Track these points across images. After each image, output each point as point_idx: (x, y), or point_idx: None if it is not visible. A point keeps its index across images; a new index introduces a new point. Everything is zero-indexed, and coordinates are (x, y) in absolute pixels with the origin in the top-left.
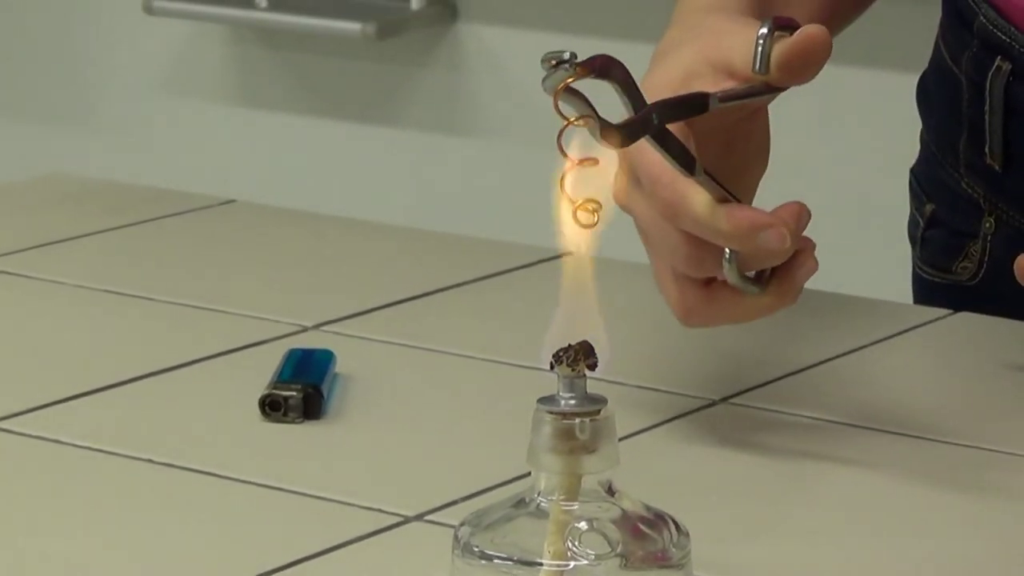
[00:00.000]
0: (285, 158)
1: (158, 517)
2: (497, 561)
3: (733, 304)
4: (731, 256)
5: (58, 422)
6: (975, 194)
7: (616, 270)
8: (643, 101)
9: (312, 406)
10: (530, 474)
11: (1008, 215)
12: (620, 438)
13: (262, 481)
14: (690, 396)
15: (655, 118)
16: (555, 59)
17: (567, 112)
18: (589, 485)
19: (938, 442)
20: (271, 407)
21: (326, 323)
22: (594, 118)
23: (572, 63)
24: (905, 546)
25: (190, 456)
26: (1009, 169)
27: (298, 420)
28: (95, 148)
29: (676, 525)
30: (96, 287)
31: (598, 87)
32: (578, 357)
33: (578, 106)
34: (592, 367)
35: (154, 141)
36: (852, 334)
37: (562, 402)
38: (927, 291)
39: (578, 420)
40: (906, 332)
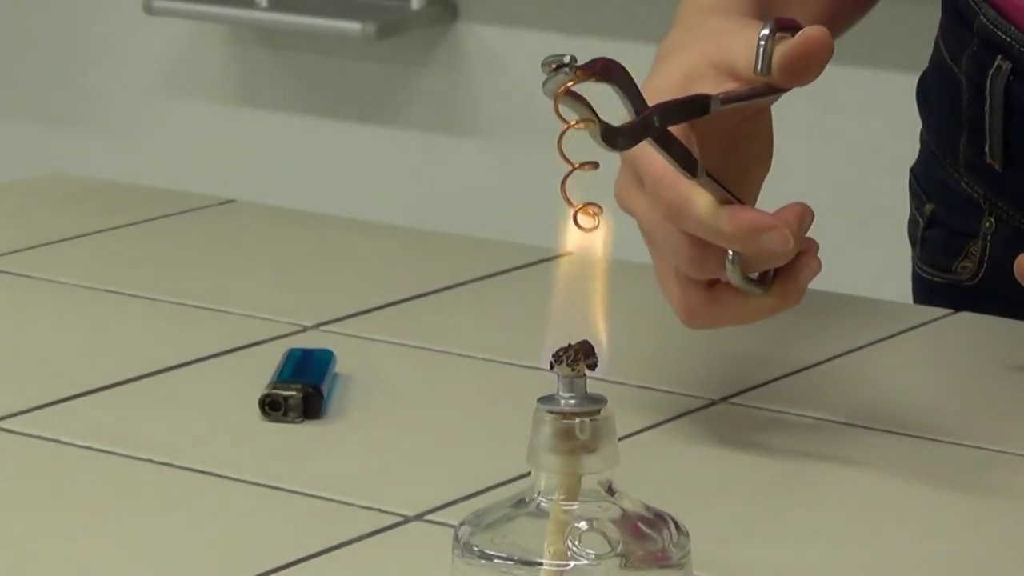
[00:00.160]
0: (285, 158)
1: (158, 517)
2: (497, 561)
3: (736, 305)
4: (734, 258)
5: (58, 422)
6: (975, 194)
7: (616, 270)
8: (644, 103)
9: (312, 406)
10: (530, 474)
11: (1008, 215)
12: (620, 438)
13: (262, 481)
14: (690, 396)
15: (656, 120)
16: (555, 63)
17: (568, 116)
18: (589, 485)
19: (938, 442)
20: (271, 407)
21: (326, 323)
22: (595, 121)
23: (573, 67)
24: (905, 546)
25: (190, 456)
26: (1009, 169)
27: (298, 420)
28: (95, 148)
29: (676, 525)
30: (96, 287)
31: (599, 89)
32: (578, 357)
33: (579, 109)
34: (592, 367)
35: (154, 141)
36: (852, 334)
37: (562, 402)
38: (927, 291)
39: (578, 420)
40: (906, 332)
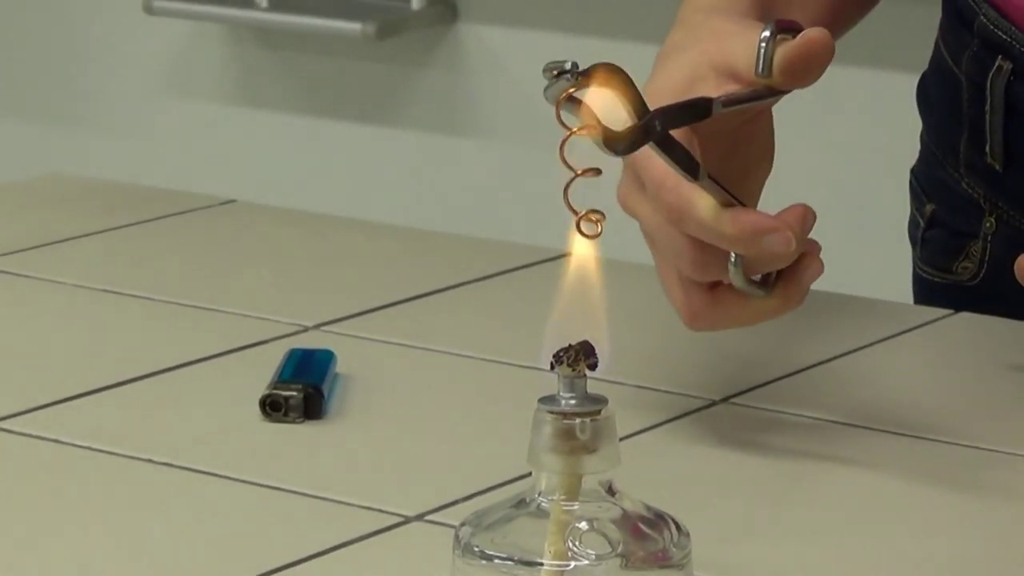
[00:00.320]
0: (285, 158)
1: (158, 517)
2: (497, 561)
3: (739, 308)
4: (736, 260)
5: (58, 422)
6: (975, 194)
7: (616, 270)
8: (645, 108)
9: (313, 406)
10: (531, 474)
11: (1008, 215)
12: (621, 438)
13: (263, 481)
14: (691, 396)
15: (658, 125)
16: (556, 69)
17: (569, 122)
18: (590, 485)
19: (938, 442)
20: (272, 407)
21: (327, 323)
22: (597, 127)
23: (574, 73)
24: (905, 546)
25: (191, 456)
26: (1009, 169)
27: (299, 420)
28: (95, 148)
29: (677, 525)
30: (96, 287)
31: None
32: (578, 357)
33: (581, 115)
34: (592, 367)
35: (154, 141)
36: (852, 334)
37: (563, 402)
38: (927, 291)
39: (579, 420)
40: (906, 332)
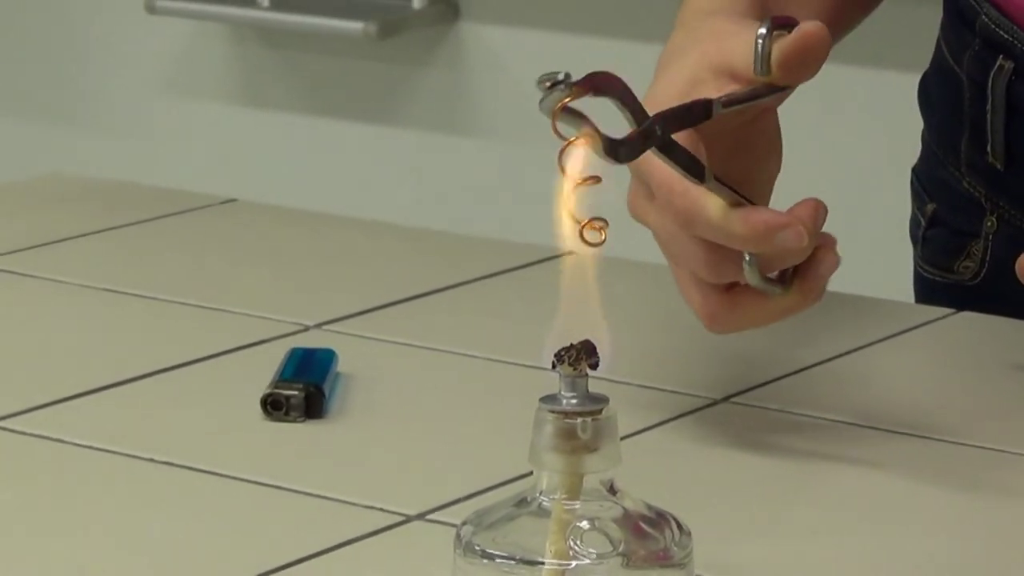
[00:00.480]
0: (287, 157)
1: (159, 516)
2: (499, 560)
3: (758, 307)
4: (751, 259)
5: (59, 421)
6: (976, 193)
7: (617, 269)
8: (645, 114)
9: (314, 405)
10: (532, 473)
11: (1010, 214)
12: (622, 437)
13: (264, 480)
14: (692, 395)
15: (659, 129)
16: (550, 80)
17: (567, 132)
18: (591, 484)
19: (939, 441)
20: (273, 406)
21: (328, 322)
22: (596, 135)
23: (568, 83)
24: (907, 545)
25: (192, 455)
26: (1011, 168)
27: (300, 419)
28: (97, 147)
29: (678, 524)
30: (97, 286)
31: (598, 102)
32: (580, 356)
33: (578, 125)
34: (594, 366)
35: (156, 140)
36: (854, 333)
37: (564, 401)
38: (929, 290)
39: (580, 419)
40: (908, 332)
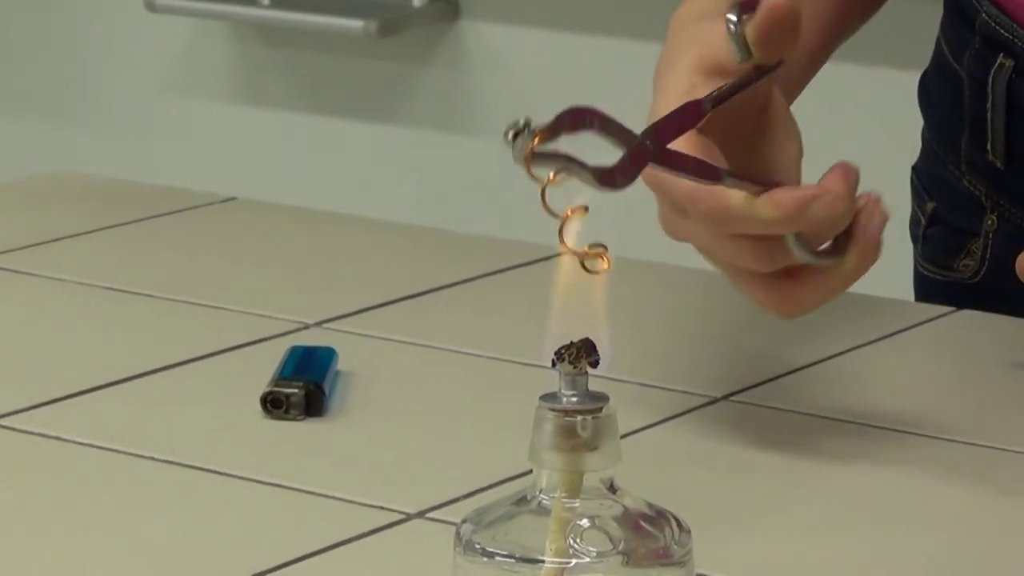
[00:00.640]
0: (287, 155)
1: (159, 514)
2: (499, 559)
3: (821, 282)
4: (796, 239)
5: (60, 419)
6: (977, 192)
7: (617, 268)
8: (631, 134)
9: (314, 403)
10: (532, 471)
11: (1010, 212)
12: (622, 435)
13: (264, 478)
14: (692, 393)
15: (649, 144)
16: (512, 130)
17: (545, 175)
18: (591, 482)
19: (939, 439)
20: (273, 404)
21: (328, 320)
22: (584, 170)
23: (529, 130)
24: (907, 543)
25: (192, 453)
26: (1011, 166)
27: (300, 417)
28: (97, 145)
29: (678, 522)
30: (98, 284)
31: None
32: (580, 354)
33: (557, 165)
34: (594, 364)
35: (156, 138)
36: (853, 332)
37: (564, 399)
38: (929, 289)
39: (580, 417)
40: (908, 330)
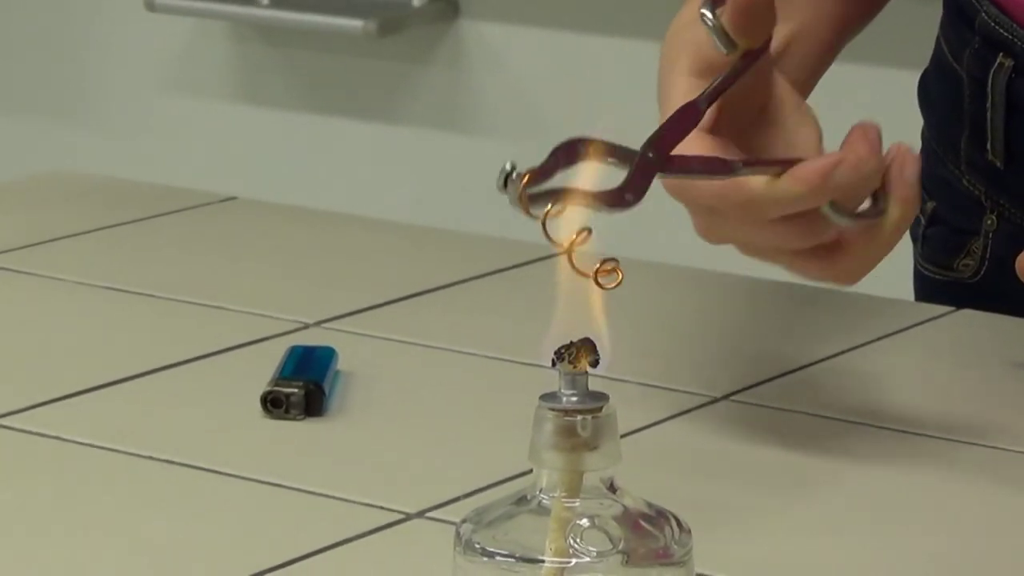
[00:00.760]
0: (287, 155)
1: (159, 514)
2: (499, 558)
3: (871, 241)
4: (831, 208)
5: (59, 419)
6: (976, 191)
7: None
8: (631, 150)
9: (314, 403)
10: (532, 471)
11: (1010, 212)
12: (622, 435)
13: (263, 478)
14: (692, 393)
15: (651, 154)
16: (502, 176)
17: (542, 211)
18: (591, 482)
19: (939, 439)
20: (273, 404)
21: (328, 320)
22: (591, 197)
23: (517, 173)
24: (907, 543)
25: (192, 453)
26: (1011, 166)
27: (300, 417)
28: (97, 145)
29: (678, 522)
30: (97, 284)
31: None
32: (580, 354)
33: (555, 201)
34: (594, 364)
35: (156, 138)
36: (853, 331)
37: (564, 399)
38: (928, 288)
39: (580, 417)
40: (907, 329)
